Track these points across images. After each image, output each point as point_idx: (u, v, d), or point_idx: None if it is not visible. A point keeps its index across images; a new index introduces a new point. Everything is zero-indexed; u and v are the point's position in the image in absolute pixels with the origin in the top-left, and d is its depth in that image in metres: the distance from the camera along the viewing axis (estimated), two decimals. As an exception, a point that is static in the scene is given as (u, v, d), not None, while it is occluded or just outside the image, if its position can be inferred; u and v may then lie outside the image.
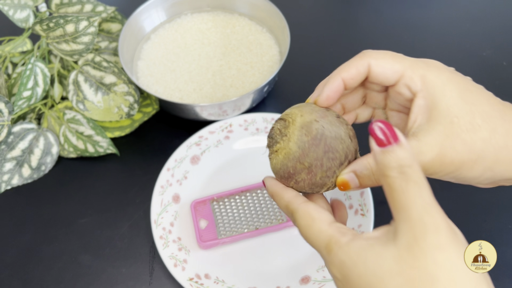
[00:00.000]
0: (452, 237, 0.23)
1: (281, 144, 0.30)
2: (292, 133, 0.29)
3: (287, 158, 0.29)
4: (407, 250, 0.23)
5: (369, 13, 0.72)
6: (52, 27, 0.52)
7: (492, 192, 0.51)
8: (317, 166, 0.28)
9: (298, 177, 0.29)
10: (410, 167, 0.23)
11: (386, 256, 0.23)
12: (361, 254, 0.24)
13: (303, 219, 0.27)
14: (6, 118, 0.50)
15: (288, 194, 0.29)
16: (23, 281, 0.47)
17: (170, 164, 0.51)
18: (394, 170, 0.23)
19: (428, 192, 0.23)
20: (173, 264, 0.45)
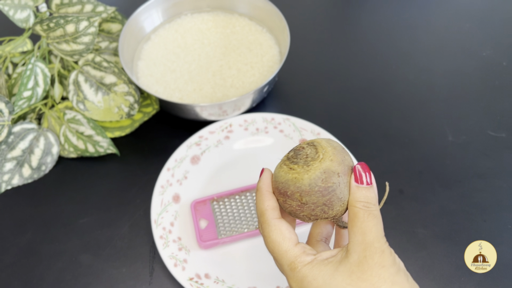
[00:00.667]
0: (392, 260, 0.29)
1: (298, 169, 0.31)
2: (313, 169, 0.30)
3: (293, 182, 0.31)
4: (358, 266, 0.29)
5: (369, 13, 0.72)
6: (53, 27, 0.52)
7: (492, 192, 0.51)
8: (310, 208, 0.31)
9: (289, 201, 0.31)
10: (374, 205, 0.30)
11: (340, 270, 0.29)
12: (321, 269, 0.29)
13: (275, 235, 0.31)
14: (6, 118, 0.50)
15: (270, 202, 0.32)
16: (23, 280, 0.47)
17: (170, 164, 0.51)
18: (361, 203, 0.30)
19: (381, 225, 0.30)
20: (173, 264, 0.45)
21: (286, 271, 0.31)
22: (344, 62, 0.65)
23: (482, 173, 0.53)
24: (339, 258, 0.30)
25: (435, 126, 0.57)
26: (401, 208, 0.50)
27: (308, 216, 0.31)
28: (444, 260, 0.47)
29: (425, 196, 0.51)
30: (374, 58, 0.65)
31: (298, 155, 0.31)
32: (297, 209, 0.31)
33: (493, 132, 0.56)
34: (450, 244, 0.48)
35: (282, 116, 0.54)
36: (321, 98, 0.61)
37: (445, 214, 0.50)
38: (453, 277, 0.46)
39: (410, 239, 0.48)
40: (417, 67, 0.64)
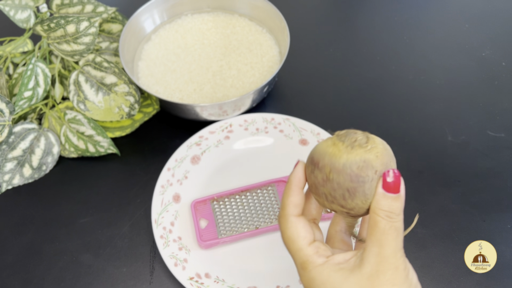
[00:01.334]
0: (405, 277, 0.28)
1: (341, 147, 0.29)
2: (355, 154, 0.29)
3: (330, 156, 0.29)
4: (368, 279, 0.28)
5: (368, 14, 0.72)
6: (53, 27, 0.52)
7: (492, 192, 0.51)
8: (332, 187, 0.29)
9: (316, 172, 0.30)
10: (397, 215, 0.28)
11: (350, 280, 0.28)
12: (330, 275, 0.29)
13: (290, 231, 0.31)
14: (7, 118, 0.50)
15: (294, 198, 0.31)
16: (24, 280, 0.47)
17: (171, 164, 0.52)
18: (384, 213, 0.28)
19: (401, 238, 0.28)
20: (173, 264, 0.45)
21: (298, 269, 0.31)
22: (344, 62, 0.65)
23: (482, 173, 0.53)
24: (352, 266, 0.29)
25: (435, 126, 0.57)
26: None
27: (326, 195, 0.30)
28: (444, 260, 0.47)
29: (425, 196, 0.51)
30: (374, 58, 0.65)
31: (348, 136, 0.30)
32: (319, 183, 0.30)
33: (492, 132, 0.56)
34: (450, 244, 0.48)
35: (282, 116, 0.54)
36: (321, 98, 0.61)
37: (445, 214, 0.50)
38: (453, 277, 0.46)
39: (410, 239, 0.48)
40: (416, 67, 0.64)
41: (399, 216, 0.28)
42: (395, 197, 0.28)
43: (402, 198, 0.29)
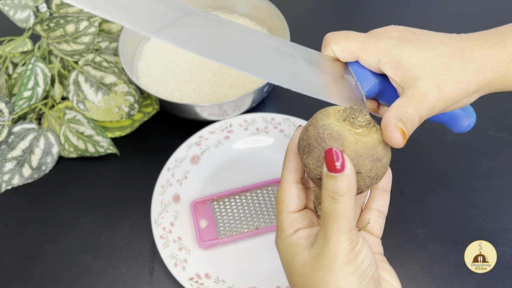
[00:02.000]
0: (346, 263, 0.27)
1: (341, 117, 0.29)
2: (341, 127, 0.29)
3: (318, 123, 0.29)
4: (312, 261, 0.28)
5: (368, 13, 0.72)
6: (53, 27, 0.52)
7: (492, 192, 0.51)
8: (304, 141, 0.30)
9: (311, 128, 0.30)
10: (341, 196, 0.27)
11: (299, 257, 0.29)
12: (288, 249, 0.30)
13: (279, 195, 0.31)
14: (6, 118, 0.50)
15: (290, 163, 0.31)
16: (24, 280, 0.47)
17: (170, 164, 0.51)
18: (328, 193, 0.27)
19: (345, 221, 0.27)
20: (173, 264, 0.45)
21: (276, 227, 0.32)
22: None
23: (482, 173, 0.53)
24: (308, 243, 0.29)
25: (435, 126, 0.57)
26: (401, 208, 0.50)
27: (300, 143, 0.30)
28: (444, 260, 0.47)
29: (425, 196, 0.51)
30: (374, 58, 0.65)
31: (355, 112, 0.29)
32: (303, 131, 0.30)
33: (493, 132, 0.56)
34: (450, 244, 0.48)
35: (282, 116, 0.54)
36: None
37: (445, 214, 0.50)
38: (453, 277, 0.46)
39: (410, 239, 0.48)
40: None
41: (343, 197, 0.27)
42: (336, 177, 0.27)
43: (346, 178, 0.27)
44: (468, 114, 0.37)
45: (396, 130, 0.28)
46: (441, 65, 0.30)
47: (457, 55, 0.31)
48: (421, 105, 0.29)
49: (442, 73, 0.30)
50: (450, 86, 0.30)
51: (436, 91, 0.30)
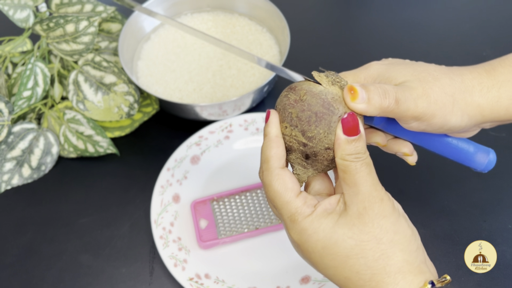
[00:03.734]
0: (392, 207, 0.29)
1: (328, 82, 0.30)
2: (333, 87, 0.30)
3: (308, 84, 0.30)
4: (358, 218, 0.28)
5: (369, 13, 0.72)
6: (52, 27, 0.52)
7: (492, 192, 0.51)
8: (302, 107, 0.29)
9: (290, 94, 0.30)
10: (364, 153, 0.29)
11: (341, 222, 0.28)
12: (321, 222, 0.29)
13: (277, 185, 0.30)
14: (6, 118, 0.50)
15: (277, 150, 0.30)
16: (23, 280, 0.47)
17: (170, 164, 0.51)
18: (352, 156, 0.28)
19: (375, 173, 0.29)
20: (173, 264, 0.45)
21: (286, 222, 0.30)
22: (344, 62, 0.65)
23: (482, 173, 0.53)
24: (339, 210, 0.29)
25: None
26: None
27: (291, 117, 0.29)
28: (444, 260, 0.47)
29: (425, 196, 0.51)
30: (374, 58, 0.65)
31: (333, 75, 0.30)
32: (290, 104, 0.30)
33: (493, 132, 0.56)
34: (450, 244, 0.48)
35: (282, 116, 0.54)
36: (321, 98, 0.61)
37: (445, 214, 0.50)
38: (453, 277, 0.46)
39: (410, 239, 0.48)
40: (417, 67, 0.64)
41: (365, 154, 0.29)
42: (357, 138, 0.29)
43: (363, 138, 0.29)
44: (486, 151, 0.37)
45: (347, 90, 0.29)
46: (429, 76, 0.31)
47: (446, 73, 0.31)
48: (402, 90, 0.30)
49: (430, 81, 0.31)
50: (437, 93, 0.30)
51: (421, 90, 0.30)
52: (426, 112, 0.30)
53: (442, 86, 0.30)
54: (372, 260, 0.28)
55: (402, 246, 0.28)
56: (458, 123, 0.31)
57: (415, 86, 0.30)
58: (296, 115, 0.29)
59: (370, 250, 0.28)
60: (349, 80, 0.33)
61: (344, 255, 0.28)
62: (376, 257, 0.28)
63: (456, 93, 0.31)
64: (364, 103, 0.29)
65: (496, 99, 0.31)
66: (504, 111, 0.31)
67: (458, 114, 0.31)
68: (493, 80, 0.31)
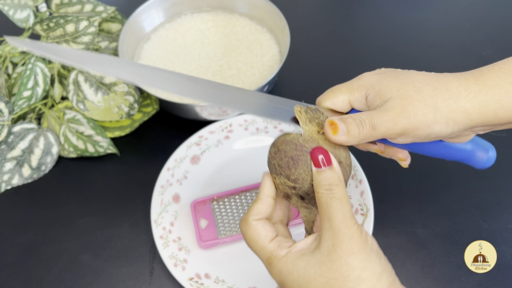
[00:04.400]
0: (362, 244, 0.29)
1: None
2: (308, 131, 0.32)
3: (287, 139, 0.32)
4: (327, 255, 0.29)
5: (369, 13, 0.72)
6: (52, 27, 0.52)
7: (492, 192, 0.51)
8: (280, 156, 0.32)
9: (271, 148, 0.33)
10: (336, 186, 0.30)
11: (312, 262, 0.29)
12: (295, 263, 0.30)
13: (251, 233, 0.32)
14: (6, 118, 0.50)
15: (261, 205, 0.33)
16: (23, 280, 0.47)
17: (170, 164, 0.51)
18: (323, 187, 0.30)
19: (348, 207, 0.29)
20: (173, 264, 0.45)
21: (265, 265, 0.32)
22: (344, 62, 0.65)
23: (482, 173, 0.53)
24: (313, 248, 0.30)
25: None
26: (401, 208, 0.50)
27: (275, 168, 0.32)
28: (444, 260, 0.47)
29: (425, 196, 0.51)
30: (374, 58, 0.65)
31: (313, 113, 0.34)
32: (272, 156, 0.33)
33: (493, 132, 0.56)
34: (450, 244, 0.48)
35: (282, 116, 0.54)
36: (321, 98, 0.61)
37: (445, 214, 0.50)
38: (453, 277, 0.46)
39: (410, 239, 0.48)
40: (417, 67, 0.63)
41: (338, 187, 0.30)
42: (327, 170, 0.30)
43: (336, 169, 0.30)
44: (484, 148, 0.37)
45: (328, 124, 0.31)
46: (413, 89, 0.32)
47: (431, 83, 0.32)
48: (377, 115, 0.31)
49: (412, 96, 0.31)
50: (416, 107, 0.31)
51: (400, 109, 0.31)
52: (407, 127, 0.31)
53: (423, 98, 0.31)
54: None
55: (370, 284, 0.28)
56: (443, 130, 0.32)
57: (394, 105, 0.32)
58: (278, 164, 0.32)
59: (338, 287, 0.28)
60: (344, 93, 0.35)
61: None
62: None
63: (439, 102, 0.31)
64: (344, 135, 0.31)
65: (483, 103, 0.31)
66: (493, 114, 0.32)
67: (441, 122, 0.31)
68: (480, 85, 0.32)
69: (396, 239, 0.48)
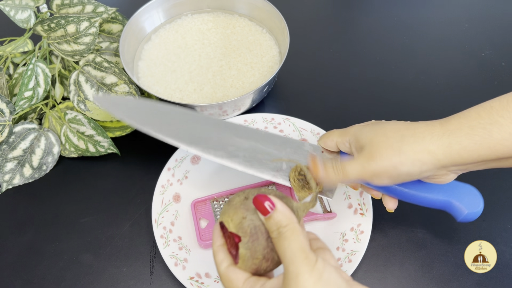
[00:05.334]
0: (309, 279, 0.29)
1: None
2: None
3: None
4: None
5: (368, 14, 0.72)
6: (53, 27, 0.52)
7: (492, 192, 0.51)
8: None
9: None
10: (285, 226, 0.31)
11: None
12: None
13: (225, 281, 0.34)
14: (7, 118, 0.51)
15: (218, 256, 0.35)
16: (24, 280, 0.47)
17: (171, 163, 0.52)
18: (274, 232, 0.31)
19: (296, 243, 0.30)
20: (173, 263, 0.45)
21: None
22: (344, 62, 0.65)
23: (482, 173, 0.53)
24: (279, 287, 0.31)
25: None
26: (401, 208, 0.50)
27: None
28: (444, 259, 0.47)
29: (425, 196, 0.51)
30: (374, 58, 0.65)
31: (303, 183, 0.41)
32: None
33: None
34: (450, 244, 0.48)
35: (282, 116, 0.54)
36: (321, 98, 0.61)
37: (445, 214, 0.50)
38: (453, 277, 0.46)
39: (410, 238, 0.48)
40: (416, 67, 0.64)
41: (287, 227, 0.31)
42: (272, 214, 0.32)
43: (279, 210, 0.32)
44: (467, 205, 0.40)
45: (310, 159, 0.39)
46: (383, 137, 0.37)
47: (400, 130, 0.37)
48: (349, 164, 0.38)
49: (380, 143, 0.37)
50: (382, 152, 0.36)
51: (368, 156, 0.37)
52: (375, 170, 0.36)
53: (390, 144, 0.36)
54: None
55: None
56: (411, 170, 0.36)
57: (365, 153, 0.37)
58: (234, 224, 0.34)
59: None
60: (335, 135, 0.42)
61: None
62: None
63: (404, 146, 0.36)
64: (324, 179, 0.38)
65: (446, 144, 0.35)
66: (457, 154, 0.35)
67: (407, 162, 0.35)
68: (444, 130, 0.35)
69: (395, 239, 0.48)
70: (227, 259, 0.35)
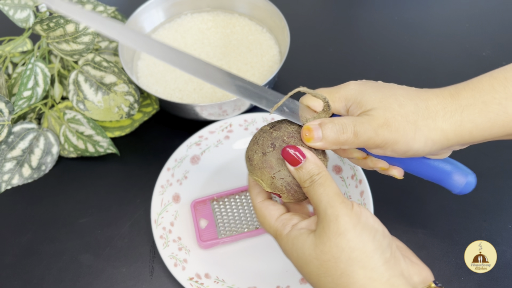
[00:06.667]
0: (351, 223, 0.29)
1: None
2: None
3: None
4: (319, 238, 0.30)
5: (368, 13, 0.72)
6: (53, 27, 0.52)
7: (492, 192, 0.51)
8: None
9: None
10: (317, 174, 0.31)
11: (307, 243, 0.30)
12: (294, 243, 0.31)
13: (259, 214, 0.34)
14: (6, 118, 0.50)
15: (253, 190, 0.35)
16: (24, 280, 0.47)
17: (170, 163, 0.51)
18: (307, 181, 0.31)
19: (331, 189, 0.30)
20: (173, 264, 0.45)
21: (275, 239, 0.34)
22: (344, 62, 0.65)
23: (482, 173, 0.53)
24: (312, 229, 0.31)
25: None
26: (401, 208, 0.50)
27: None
28: (444, 260, 0.47)
29: (425, 196, 0.51)
30: (374, 58, 0.65)
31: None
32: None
33: (493, 132, 0.56)
34: (450, 244, 0.48)
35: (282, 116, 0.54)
36: (321, 98, 0.61)
37: (445, 214, 0.50)
38: (453, 277, 0.46)
39: (410, 238, 0.48)
40: (417, 67, 0.64)
41: (319, 175, 0.31)
42: (303, 164, 0.31)
43: (310, 160, 0.31)
44: (464, 173, 0.37)
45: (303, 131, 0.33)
46: (396, 103, 0.32)
47: (413, 98, 0.33)
48: (360, 123, 0.32)
49: (395, 109, 0.32)
50: (399, 122, 0.32)
51: (383, 120, 0.32)
52: (387, 140, 0.32)
53: (405, 114, 0.32)
54: (336, 278, 0.29)
55: (362, 263, 0.28)
56: (422, 148, 0.32)
57: (378, 115, 0.32)
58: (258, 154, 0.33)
59: (332, 269, 0.29)
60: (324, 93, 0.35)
61: (315, 273, 0.30)
62: (338, 275, 0.29)
63: (419, 120, 0.32)
64: (320, 141, 0.32)
65: (458, 123, 0.32)
66: (468, 134, 0.32)
67: (421, 140, 0.32)
68: (456, 105, 0.32)
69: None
70: (262, 194, 0.35)
